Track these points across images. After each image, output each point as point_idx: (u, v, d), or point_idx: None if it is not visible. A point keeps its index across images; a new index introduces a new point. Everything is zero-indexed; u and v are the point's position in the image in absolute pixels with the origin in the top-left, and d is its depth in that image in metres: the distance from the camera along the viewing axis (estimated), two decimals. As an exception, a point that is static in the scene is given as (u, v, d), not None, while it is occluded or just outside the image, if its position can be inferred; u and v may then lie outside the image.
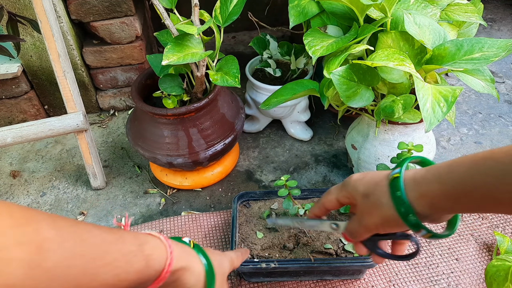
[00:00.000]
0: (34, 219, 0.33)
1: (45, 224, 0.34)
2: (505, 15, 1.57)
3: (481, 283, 0.73)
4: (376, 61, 0.65)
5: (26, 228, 0.32)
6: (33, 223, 0.33)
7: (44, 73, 1.10)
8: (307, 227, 0.71)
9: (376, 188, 0.45)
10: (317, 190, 0.81)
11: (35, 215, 0.34)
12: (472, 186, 0.36)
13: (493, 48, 0.65)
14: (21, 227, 0.32)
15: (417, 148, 0.68)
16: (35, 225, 0.33)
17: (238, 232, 0.75)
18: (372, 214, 0.45)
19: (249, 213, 0.79)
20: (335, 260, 0.70)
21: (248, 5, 0.87)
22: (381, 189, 0.44)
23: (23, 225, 0.32)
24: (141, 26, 1.10)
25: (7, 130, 0.85)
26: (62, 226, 0.35)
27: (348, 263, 0.69)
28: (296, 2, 0.81)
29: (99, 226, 0.40)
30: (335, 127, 1.13)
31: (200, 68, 0.78)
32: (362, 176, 0.48)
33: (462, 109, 1.17)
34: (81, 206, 0.95)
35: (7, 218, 0.31)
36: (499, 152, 0.35)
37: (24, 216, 0.33)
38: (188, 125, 0.82)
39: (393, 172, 0.43)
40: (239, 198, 0.80)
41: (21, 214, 0.33)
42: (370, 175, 0.47)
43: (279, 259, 0.69)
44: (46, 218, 0.35)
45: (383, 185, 0.44)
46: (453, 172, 0.38)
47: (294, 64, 1.02)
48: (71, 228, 0.36)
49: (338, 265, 0.69)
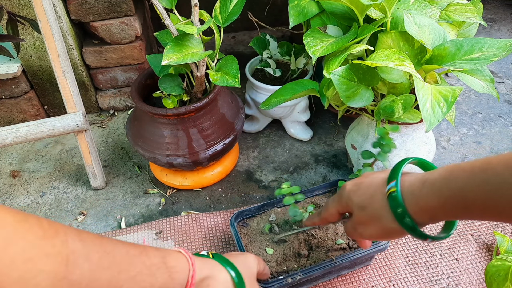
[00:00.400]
0: (62, 231, 0.33)
1: (72, 236, 0.34)
2: (505, 15, 1.57)
3: (481, 283, 0.73)
4: (376, 61, 0.65)
5: (54, 240, 0.32)
6: (61, 235, 0.33)
7: (44, 73, 1.10)
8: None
9: (372, 201, 0.45)
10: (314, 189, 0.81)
11: (63, 227, 0.34)
12: (471, 200, 0.36)
13: (493, 48, 0.65)
14: (51, 239, 0.32)
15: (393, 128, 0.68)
16: (63, 237, 0.33)
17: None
18: (371, 225, 0.46)
19: (250, 232, 0.76)
20: (354, 253, 0.69)
21: (248, 5, 0.87)
22: (379, 202, 0.44)
23: (52, 237, 0.32)
24: (141, 26, 1.10)
25: (7, 130, 0.85)
26: (88, 239, 0.35)
27: (366, 252, 0.68)
28: (296, 2, 0.81)
29: (122, 241, 0.40)
30: (335, 127, 1.13)
31: (200, 68, 0.78)
32: (356, 186, 0.48)
33: (462, 109, 1.17)
34: (81, 206, 0.95)
35: (38, 229, 0.31)
36: (497, 162, 0.34)
37: (53, 228, 0.33)
38: (188, 125, 0.82)
39: (389, 186, 0.43)
40: (235, 219, 0.76)
41: (50, 225, 0.33)
42: (365, 185, 0.47)
43: (303, 269, 0.67)
44: (73, 230, 0.35)
45: (380, 199, 0.44)
46: (450, 186, 0.37)
47: (294, 64, 1.02)
48: (96, 240, 0.36)
49: (358, 256, 0.68)
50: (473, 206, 0.35)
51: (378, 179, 0.46)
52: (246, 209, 0.79)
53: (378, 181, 0.45)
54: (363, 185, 0.47)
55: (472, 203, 0.35)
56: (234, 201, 0.94)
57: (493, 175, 0.34)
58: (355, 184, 0.48)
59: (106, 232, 0.87)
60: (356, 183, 0.48)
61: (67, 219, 0.92)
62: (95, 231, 0.88)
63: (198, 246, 0.82)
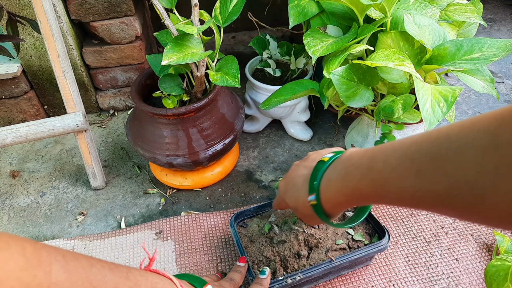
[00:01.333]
0: (47, 260, 0.32)
1: (57, 266, 0.32)
2: (504, 15, 1.57)
3: (481, 283, 0.73)
4: (376, 61, 0.65)
5: (36, 271, 0.31)
6: (45, 265, 0.31)
7: (43, 73, 1.10)
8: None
9: (299, 205, 0.50)
10: None
11: (49, 255, 0.32)
12: (366, 194, 0.38)
13: (492, 48, 0.65)
14: (32, 269, 0.30)
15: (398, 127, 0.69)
16: (47, 267, 0.32)
17: (247, 256, 0.71)
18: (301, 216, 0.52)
19: (249, 232, 0.76)
20: (354, 253, 0.69)
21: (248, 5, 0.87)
22: (304, 206, 0.49)
23: (34, 267, 0.31)
24: (140, 26, 1.10)
25: (7, 130, 0.85)
26: (75, 269, 0.34)
27: (366, 252, 0.69)
28: (296, 2, 0.81)
29: (115, 269, 0.38)
30: (335, 127, 1.13)
31: (200, 68, 0.78)
32: (284, 187, 0.55)
33: (461, 109, 1.17)
34: (81, 206, 0.95)
35: (20, 258, 0.30)
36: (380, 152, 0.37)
37: (36, 257, 0.31)
38: (188, 125, 0.82)
39: (310, 198, 0.47)
40: (235, 220, 0.77)
41: (34, 253, 0.31)
42: (290, 185, 0.53)
43: (303, 269, 0.67)
44: (60, 259, 0.33)
45: (305, 205, 0.48)
46: (347, 184, 0.41)
47: (294, 64, 1.02)
48: (83, 271, 0.34)
49: (358, 256, 0.68)
50: (371, 199, 0.38)
51: (300, 179, 0.50)
52: (245, 209, 0.79)
53: (300, 182, 0.49)
54: (289, 186, 0.53)
55: (369, 197, 0.38)
56: (234, 201, 0.94)
57: (376, 173, 0.36)
58: (285, 184, 0.55)
59: (106, 232, 0.87)
60: (284, 183, 0.55)
61: (67, 219, 0.92)
62: (95, 231, 0.89)
63: (198, 246, 0.82)
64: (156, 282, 0.43)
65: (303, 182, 0.48)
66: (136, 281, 0.39)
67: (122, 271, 0.39)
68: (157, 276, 0.44)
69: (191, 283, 0.52)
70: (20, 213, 0.94)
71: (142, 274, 0.42)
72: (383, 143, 0.38)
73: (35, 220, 0.92)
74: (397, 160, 0.33)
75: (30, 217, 0.93)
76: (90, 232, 0.89)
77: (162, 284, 0.43)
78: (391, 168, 0.34)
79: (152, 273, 0.44)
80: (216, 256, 0.80)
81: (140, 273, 0.42)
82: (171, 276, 0.46)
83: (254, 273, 0.67)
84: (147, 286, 0.41)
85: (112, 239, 0.85)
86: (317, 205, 0.45)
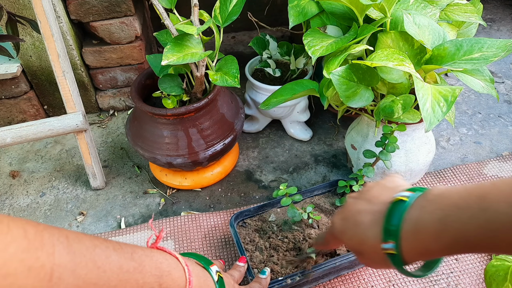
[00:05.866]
0: (49, 242, 0.31)
1: (60, 248, 0.32)
2: (504, 15, 1.57)
3: (481, 283, 0.73)
4: (376, 61, 0.65)
5: (39, 252, 0.30)
6: (47, 247, 0.31)
7: (43, 73, 1.10)
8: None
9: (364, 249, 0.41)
10: (314, 189, 0.81)
11: (51, 236, 0.32)
12: (473, 242, 0.33)
13: (492, 48, 0.65)
14: (35, 251, 0.30)
15: (400, 128, 0.69)
16: (50, 249, 0.31)
17: (248, 256, 0.71)
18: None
19: (249, 232, 0.76)
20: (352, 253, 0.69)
21: (247, 5, 0.87)
22: (374, 253, 0.40)
23: (37, 249, 0.30)
24: (140, 26, 1.10)
25: (7, 130, 0.85)
26: (78, 251, 0.33)
27: None
28: (295, 2, 0.81)
29: (120, 250, 0.38)
30: (334, 127, 1.13)
31: (200, 68, 0.78)
32: (343, 226, 0.44)
33: (461, 109, 1.17)
34: (81, 206, 0.95)
35: (22, 240, 0.30)
36: (496, 199, 0.31)
37: (39, 238, 0.31)
38: (187, 125, 0.82)
39: (386, 246, 0.38)
40: (235, 220, 0.77)
41: (36, 236, 0.31)
42: (351, 224, 0.43)
43: (302, 270, 0.67)
44: (63, 241, 0.33)
45: (375, 252, 0.40)
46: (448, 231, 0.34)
47: (293, 64, 1.02)
48: (86, 252, 0.34)
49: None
50: (478, 246, 0.33)
51: (365, 218, 0.41)
52: (245, 209, 0.79)
53: (366, 222, 0.41)
54: (349, 225, 0.43)
55: (476, 244, 0.33)
56: (234, 201, 0.94)
57: (496, 214, 0.31)
58: (342, 220, 0.44)
59: (106, 232, 0.87)
60: (342, 219, 0.45)
61: (67, 219, 0.92)
62: (95, 231, 0.88)
63: (198, 246, 0.82)
64: (161, 262, 0.42)
65: (370, 222, 0.40)
66: (140, 262, 0.39)
67: (127, 252, 0.38)
68: (163, 255, 0.44)
69: (198, 261, 0.52)
70: (20, 213, 0.94)
71: (147, 254, 0.41)
72: (494, 183, 0.32)
73: (35, 220, 0.92)
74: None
75: (30, 217, 0.93)
76: (90, 232, 0.89)
77: (167, 263, 0.43)
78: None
79: (157, 252, 0.44)
80: (216, 256, 0.80)
81: (145, 253, 0.41)
82: (177, 254, 0.46)
83: (253, 273, 0.67)
84: (151, 266, 0.40)
85: (112, 239, 0.85)
86: (396, 255, 0.37)
